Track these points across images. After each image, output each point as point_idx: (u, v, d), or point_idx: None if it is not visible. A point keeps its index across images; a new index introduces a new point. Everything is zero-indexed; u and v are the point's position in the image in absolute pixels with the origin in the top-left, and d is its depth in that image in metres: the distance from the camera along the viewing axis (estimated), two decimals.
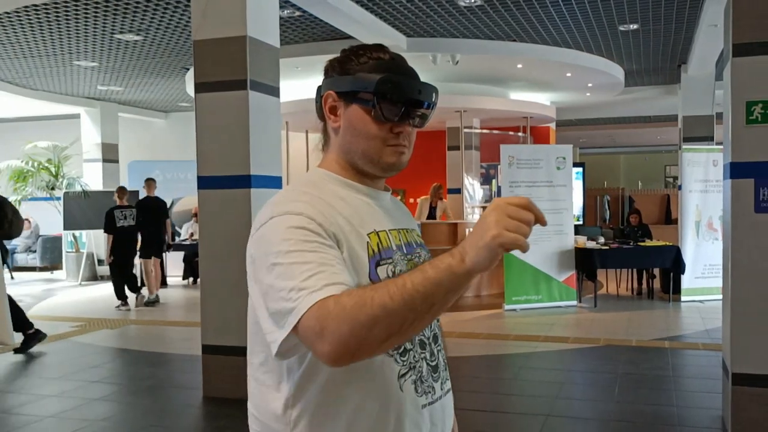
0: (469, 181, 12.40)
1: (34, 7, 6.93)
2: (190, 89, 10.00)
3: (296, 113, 10.10)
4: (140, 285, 9.32)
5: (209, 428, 4.38)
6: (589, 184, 17.02)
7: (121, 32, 7.99)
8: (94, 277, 12.12)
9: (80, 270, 11.74)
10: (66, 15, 7.24)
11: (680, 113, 11.13)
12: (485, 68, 9.85)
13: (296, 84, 9.69)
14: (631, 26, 8.22)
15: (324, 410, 1.15)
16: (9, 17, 7.32)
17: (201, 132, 4.85)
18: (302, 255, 1.06)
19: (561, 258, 8.20)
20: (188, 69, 9.96)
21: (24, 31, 7.92)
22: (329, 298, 1.00)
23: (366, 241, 1.18)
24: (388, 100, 1.19)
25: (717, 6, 6.37)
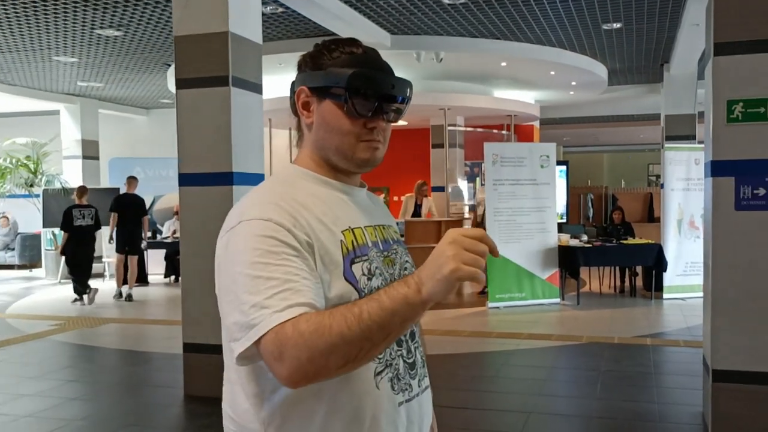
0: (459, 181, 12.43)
1: (12, 1, 6.82)
2: (172, 85, 9.90)
3: (279, 110, 10.03)
4: (89, 290, 8.98)
5: (191, 427, 4.34)
6: (573, 183, 17.10)
7: (102, 27, 7.89)
8: None
9: (59, 268, 11.58)
10: (45, 9, 7.13)
11: (663, 112, 11.21)
12: (469, 66, 9.86)
13: (279, 81, 9.64)
14: (615, 25, 8.26)
15: (299, 409, 1.13)
16: None
17: (182, 129, 4.81)
18: (267, 268, 1.05)
19: (544, 256, 8.23)
20: (170, 65, 9.86)
21: (1, 26, 7.79)
22: (287, 323, 1.01)
23: (340, 239, 1.17)
24: (361, 95, 1.18)
25: (699, 5, 6.41)
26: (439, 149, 11.57)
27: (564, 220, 13.44)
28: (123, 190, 9.55)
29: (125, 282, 9.39)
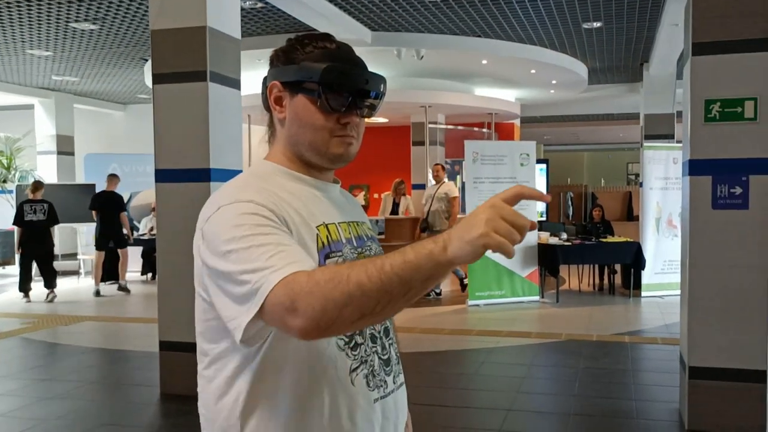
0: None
1: None
2: (149, 81, 9.76)
3: (258, 106, 9.63)
4: (54, 286, 9.12)
5: (167, 426, 4.28)
6: (553, 181, 17.22)
7: (77, 20, 7.75)
8: None
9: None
10: (18, 1, 6.99)
11: (642, 111, 11.30)
12: (450, 64, 9.85)
13: (258, 77, 9.53)
14: (595, 24, 8.30)
15: (275, 407, 1.12)
16: None
17: (159, 124, 4.74)
18: (258, 238, 1.03)
19: (524, 254, 8.26)
20: (147, 60, 9.73)
21: None
22: (300, 273, 0.97)
23: (315, 234, 1.16)
24: (334, 90, 1.16)
25: (678, 5, 6.46)
26: (420, 147, 11.56)
27: (544, 218, 13.52)
28: (102, 188, 9.47)
29: (116, 276, 9.61)
